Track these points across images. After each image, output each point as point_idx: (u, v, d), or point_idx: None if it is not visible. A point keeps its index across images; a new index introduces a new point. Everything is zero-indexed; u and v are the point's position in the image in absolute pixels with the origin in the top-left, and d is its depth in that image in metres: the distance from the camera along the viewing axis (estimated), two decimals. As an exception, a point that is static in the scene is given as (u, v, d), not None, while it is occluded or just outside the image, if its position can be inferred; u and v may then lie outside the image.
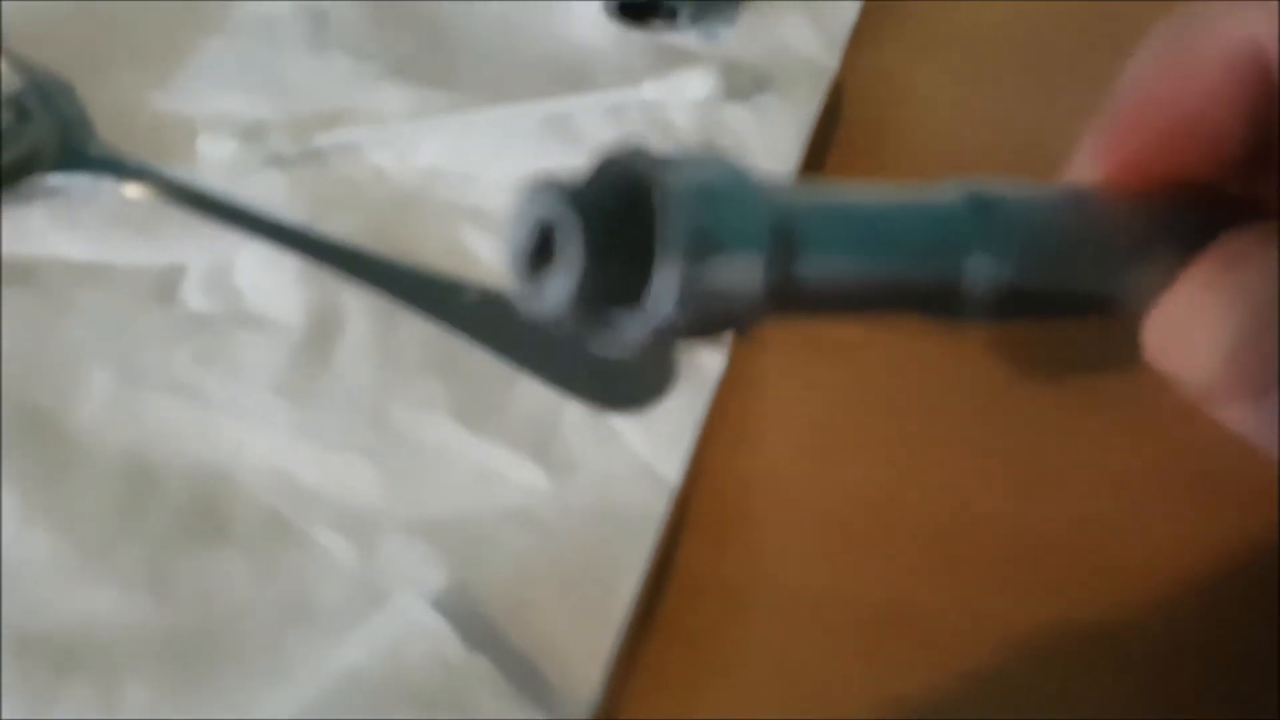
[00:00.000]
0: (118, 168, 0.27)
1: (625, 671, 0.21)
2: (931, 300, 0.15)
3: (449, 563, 0.22)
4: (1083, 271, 0.16)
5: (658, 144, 0.13)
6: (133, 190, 0.27)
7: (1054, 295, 0.16)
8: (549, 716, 0.20)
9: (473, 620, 0.21)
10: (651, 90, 0.28)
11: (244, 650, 0.21)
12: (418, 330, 0.26)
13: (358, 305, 0.26)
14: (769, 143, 0.28)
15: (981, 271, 0.15)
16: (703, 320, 0.13)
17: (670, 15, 0.30)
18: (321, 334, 0.26)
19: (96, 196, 0.27)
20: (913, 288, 0.15)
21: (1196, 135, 0.16)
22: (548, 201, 0.13)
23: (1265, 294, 0.15)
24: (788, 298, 0.14)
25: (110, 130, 0.28)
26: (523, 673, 0.21)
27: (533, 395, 0.25)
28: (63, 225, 0.27)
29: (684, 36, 0.30)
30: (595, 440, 0.24)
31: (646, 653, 0.22)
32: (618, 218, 0.13)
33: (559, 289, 0.13)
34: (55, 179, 0.27)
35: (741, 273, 0.13)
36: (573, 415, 0.25)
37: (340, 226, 0.27)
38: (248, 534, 0.23)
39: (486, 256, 0.27)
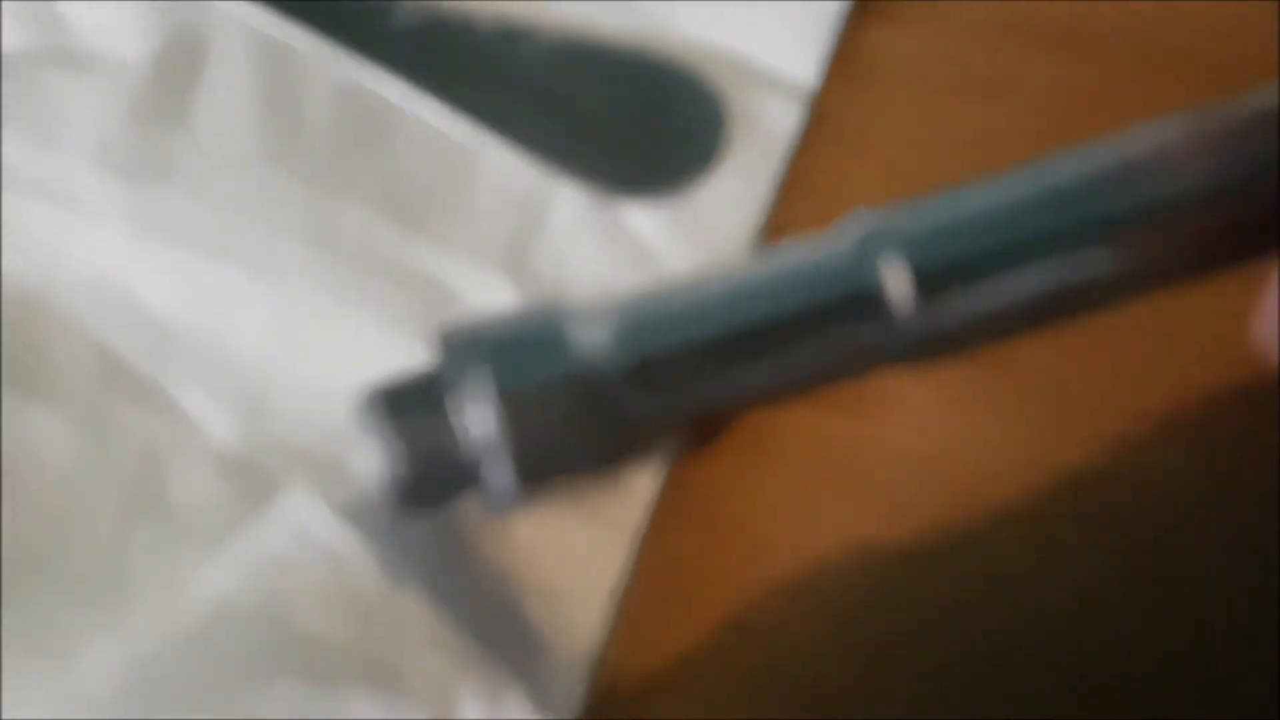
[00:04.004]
0: None
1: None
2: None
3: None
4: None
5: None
6: None
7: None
8: (521, 681, 0.14)
9: (402, 532, 0.14)
10: None
11: (65, 556, 0.15)
12: (324, 73, 0.18)
13: (232, 33, 0.18)
14: None
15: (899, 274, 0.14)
16: (546, 475, 0.14)
17: None
18: (178, 77, 0.18)
19: None
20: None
21: None
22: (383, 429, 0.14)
23: None
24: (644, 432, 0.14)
25: None
26: (484, 604, 0.14)
27: (503, 170, 0.17)
28: None
29: None
30: (595, 241, 0.17)
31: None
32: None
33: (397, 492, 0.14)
34: None
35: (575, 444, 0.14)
36: (564, 203, 0.17)
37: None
38: (67, 384, 0.16)
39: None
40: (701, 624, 0.15)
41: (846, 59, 0.18)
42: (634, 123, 0.18)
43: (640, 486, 0.15)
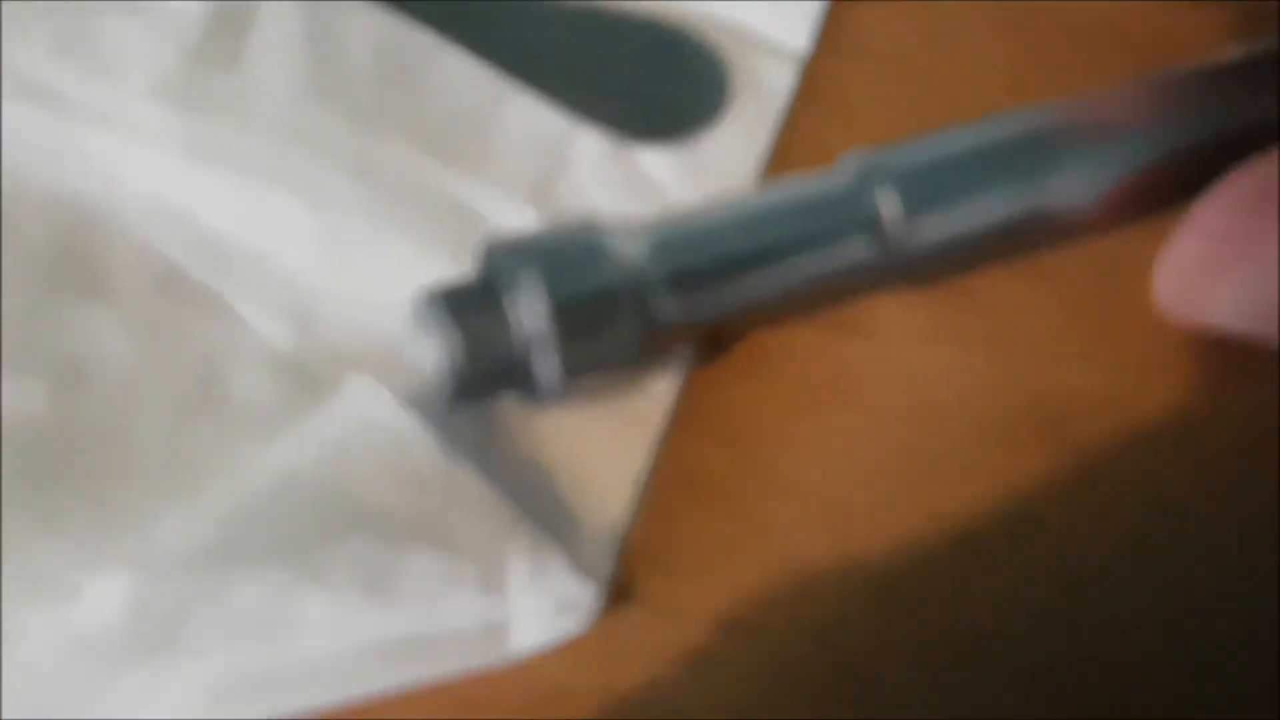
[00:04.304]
0: None
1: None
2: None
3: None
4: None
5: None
6: None
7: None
8: (561, 549, 0.15)
9: (453, 420, 0.16)
10: None
11: (131, 446, 0.16)
12: (365, 19, 0.19)
13: (281, -16, 0.19)
14: None
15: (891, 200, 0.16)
16: (587, 370, 0.16)
17: None
18: (230, 25, 0.19)
19: None
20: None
21: None
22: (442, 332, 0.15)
23: None
24: (670, 332, 0.16)
25: None
26: (525, 487, 0.16)
27: (529, 115, 0.19)
28: None
29: None
30: (613, 178, 0.19)
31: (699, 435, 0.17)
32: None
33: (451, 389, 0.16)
34: None
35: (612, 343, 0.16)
36: (584, 145, 0.19)
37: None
38: (132, 291, 0.17)
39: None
40: (711, 523, 0.16)
41: (833, 30, 0.20)
42: (646, 81, 0.20)
43: (660, 388, 0.17)
